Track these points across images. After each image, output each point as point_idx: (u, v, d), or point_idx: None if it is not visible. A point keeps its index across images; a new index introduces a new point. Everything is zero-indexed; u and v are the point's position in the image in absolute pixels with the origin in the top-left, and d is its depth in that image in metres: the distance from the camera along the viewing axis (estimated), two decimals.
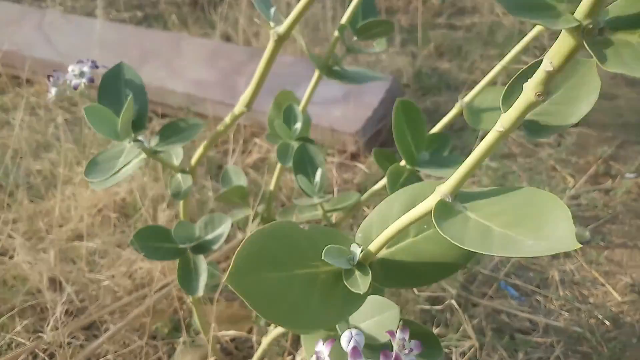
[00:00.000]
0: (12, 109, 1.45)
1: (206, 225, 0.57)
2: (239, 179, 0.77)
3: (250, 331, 0.82)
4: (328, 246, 0.33)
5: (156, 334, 0.84)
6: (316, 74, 0.67)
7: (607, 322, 0.87)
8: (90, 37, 1.56)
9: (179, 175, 0.55)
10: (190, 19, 1.83)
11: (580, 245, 0.25)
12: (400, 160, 0.58)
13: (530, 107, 0.26)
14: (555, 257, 0.99)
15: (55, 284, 0.91)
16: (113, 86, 0.51)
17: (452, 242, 0.27)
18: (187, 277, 0.56)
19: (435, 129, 0.64)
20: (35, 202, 1.09)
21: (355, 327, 0.37)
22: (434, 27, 1.87)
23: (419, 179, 0.57)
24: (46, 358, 0.76)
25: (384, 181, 0.61)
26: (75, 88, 0.50)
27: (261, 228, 0.33)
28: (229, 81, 1.37)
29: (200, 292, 0.56)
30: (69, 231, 1.00)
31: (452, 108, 0.63)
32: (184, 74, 1.40)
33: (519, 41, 0.57)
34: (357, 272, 0.34)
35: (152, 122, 1.37)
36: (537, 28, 0.53)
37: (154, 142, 0.53)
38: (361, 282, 0.33)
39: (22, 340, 0.77)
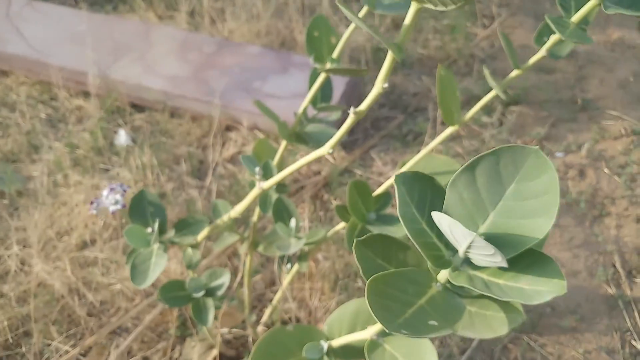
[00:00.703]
0: None
1: (211, 276, 0.73)
2: (226, 210, 0.92)
3: (243, 323, 1.01)
4: (306, 345, 0.51)
5: (168, 329, 1.02)
6: (283, 144, 0.80)
7: None
8: (61, 27, 1.62)
9: (190, 249, 0.70)
10: None
11: None
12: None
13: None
14: None
15: (72, 290, 1.07)
16: (139, 206, 0.65)
17: None
18: (199, 313, 0.73)
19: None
20: (39, 209, 1.23)
21: None
22: None
23: (369, 231, 0.74)
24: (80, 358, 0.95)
25: (342, 224, 0.78)
26: (113, 213, 0.64)
27: (263, 337, 0.50)
28: (201, 75, 1.47)
29: (209, 324, 0.73)
30: (77, 238, 1.15)
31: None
32: (158, 69, 1.49)
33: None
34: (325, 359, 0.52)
35: (132, 116, 1.48)
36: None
37: (170, 234, 0.67)
38: None
39: (61, 346, 0.94)
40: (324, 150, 0.55)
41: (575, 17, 0.58)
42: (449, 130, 0.71)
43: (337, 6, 1.83)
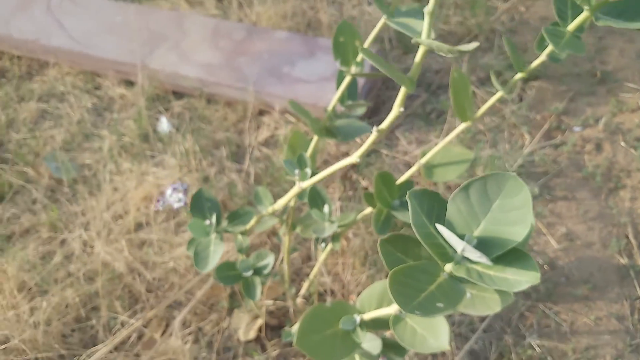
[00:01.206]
0: (45, 95, 1.65)
1: (257, 257, 0.84)
2: (266, 196, 1.02)
3: (284, 295, 1.13)
4: (342, 317, 0.61)
5: (219, 302, 1.15)
6: (315, 137, 0.88)
7: (546, 266, 1.17)
8: (99, 19, 1.72)
9: (240, 236, 0.81)
10: None
11: None
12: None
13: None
14: None
15: (131, 269, 1.20)
16: (198, 202, 0.76)
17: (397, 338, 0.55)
18: (248, 290, 0.84)
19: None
20: (94, 194, 1.35)
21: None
22: None
23: (394, 216, 0.83)
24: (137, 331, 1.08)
25: (370, 208, 0.88)
26: (177, 210, 0.75)
27: (306, 312, 0.60)
28: (233, 62, 1.56)
29: (257, 298, 0.84)
30: (131, 221, 1.28)
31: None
32: (193, 57, 1.59)
33: None
34: (358, 330, 0.62)
35: (171, 103, 1.58)
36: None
37: (224, 224, 0.78)
38: (360, 336, 0.62)
39: (126, 319, 1.08)
40: (353, 159, 0.63)
41: (571, 26, 0.65)
42: (463, 125, 0.79)
43: None
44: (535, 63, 0.74)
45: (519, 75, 0.73)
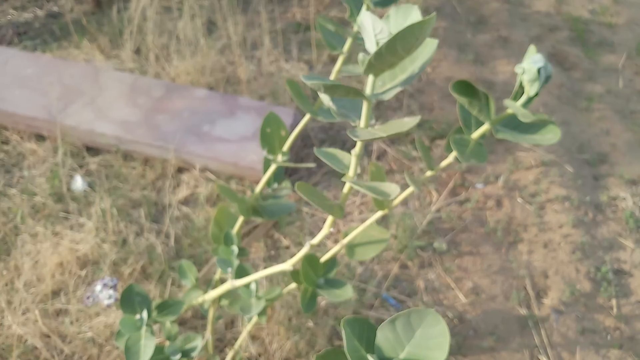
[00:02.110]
0: None
1: (185, 340, 0.85)
2: (192, 272, 1.03)
3: None
4: None
5: None
6: (240, 219, 0.92)
7: (455, 320, 1.26)
8: (8, 71, 1.66)
9: (169, 324, 0.82)
10: (95, 28, 1.93)
11: None
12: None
13: None
14: (421, 267, 1.36)
15: (47, 342, 1.15)
16: (129, 298, 0.76)
17: None
18: None
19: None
20: (4, 260, 1.29)
21: None
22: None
23: (319, 294, 0.88)
24: None
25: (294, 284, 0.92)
26: (108, 307, 0.75)
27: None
28: (152, 120, 1.56)
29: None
30: (46, 289, 1.23)
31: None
32: (110, 113, 1.57)
33: None
34: None
35: (86, 160, 1.55)
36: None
37: (154, 314, 0.79)
38: None
39: None
40: (286, 266, 0.67)
41: (475, 135, 0.73)
42: (380, 213, 0.85)
43: (276, 40, 1.96)
44: (444, 163, 0.81)
45: (429, 173, 0.80)
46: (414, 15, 0.49)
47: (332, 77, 0.85)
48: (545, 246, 1.41)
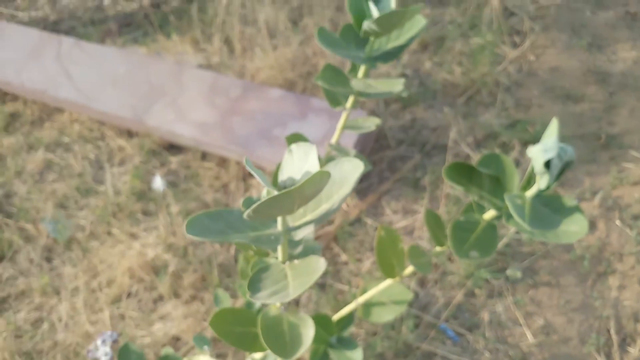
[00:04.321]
0: (52, 144, 1.71)
1: None
2: (226, 300, 1.03)
3: None
4: None
5: None
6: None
7: None
8: (103, 70, 1.76)
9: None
10: (188, 20, 1.97)
11: None
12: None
13: None
14: (489, 296, 1.25)
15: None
16: (126, 356, 0.78)
17: None
18: None
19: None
20: (86, 257, 1.41)
21: None
22: None
23: (329, 354, 0.83)
24: None
25: None
26: None
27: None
28: (227, 122, 1.57)
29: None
30: (115, 291, 1.33)
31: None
32: (189, 115, 1.61)
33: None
34: None
35: (167, 159, 1.61)
36: None
37: None
38: None
39: None
40: None
41: (487, 215, 0.63)
42: (389, 281, 0.77)
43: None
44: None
45: (438, 249, 0.71)
46: (312, 157, 0.42)
47: (337, 134, 0.78)
48: None
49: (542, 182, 0.55)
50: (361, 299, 0.83)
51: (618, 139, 1.48)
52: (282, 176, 0.46)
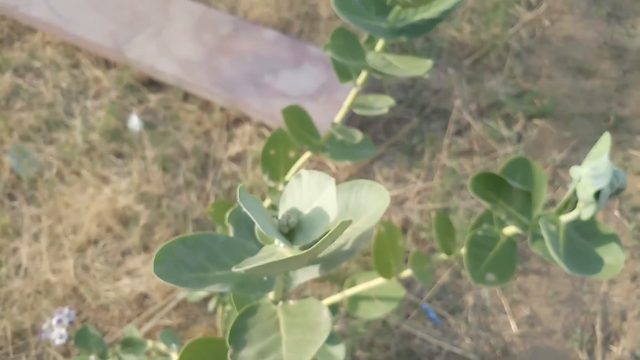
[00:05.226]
0: (22, 67, 1.56)
1: None
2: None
3: None
4: None
5: None
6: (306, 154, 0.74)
7: (498, 351, 1.11)
8: None
9: None
10: None
11: None
12: None
13: None
14: None
15: (75, 294, 1.17)
16: (84, 338, 0.70)
17: None
18: None
19: None
20: (52, 198, 1.31)
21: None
22: None
23: None
24: None
25: None
26: (58, 346, 0.70)
27: None
28: (214, 62, 1.45)
29: None
30: (81, 238, 1.24)
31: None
32: (173, 49, 1.47)
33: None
34: None
35: (146, 95, 1.49)
36: None
37: (118, 349, 0.73)
38: None
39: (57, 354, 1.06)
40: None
41: (508, 231, 0.55)
42: (381, 280, 0.69)
43: None
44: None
45: (443, 257, 0.63)
46: (328, 194, 0.33)
47: (342, 113, 0.68)
48: (633, 279, 1.18)
49: (585, 211, 0.47)
50: (349, 292, 0.76)
51: (627, 123, 1.40)
52: (285, 206, 0.36)
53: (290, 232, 0.36)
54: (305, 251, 0.31)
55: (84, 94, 1.52)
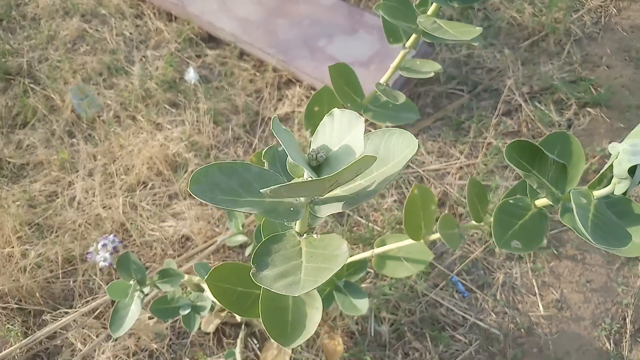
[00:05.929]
0: (88, 14, 1.63)
1: (197, 297, 0.85)
2: (239, 217, 1.00)
3: None
4: None
5: None
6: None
7: (522, 330, 1.12)
8: None
9: (171, 289, 0.81)
10: None
11: None
12: None
13: None
14: (508, 258, 1.20)
15: (122, 229, 1.24)
16: (125, 264, 0.75)
17: None
18: (187, 322, 0.86)
19: None
20: (108, 139, 1.37)
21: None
22: None
23: (334, 296, 0.80)
24: None
25: None
26: (101, 269, 0.75)
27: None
28: (271, 24, 1.47)
29: (195, 329, 0.86)
30: (132, 179, 1.30)
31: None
32: (233, 7, 1.50)
33: None
34: None
35: (203, 50, 1.53)
36: None
37: (155, 277, 0.78)
38: None
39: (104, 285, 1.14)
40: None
41: (539, 202, 0.56)
42: (410, 241, 0.71)
43: None
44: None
45: (473, 223, 0.64)
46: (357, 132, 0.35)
47: (388, 74, 0.69)
48: None
49: (619, 187, 0.48)
50: (378, 250, 0.79)
51: None
52: (316, 143, 0.39)
53: (319, 167, 0.38)
54: (326, 176, 0.33)
55: (145, 44, 1.57)
